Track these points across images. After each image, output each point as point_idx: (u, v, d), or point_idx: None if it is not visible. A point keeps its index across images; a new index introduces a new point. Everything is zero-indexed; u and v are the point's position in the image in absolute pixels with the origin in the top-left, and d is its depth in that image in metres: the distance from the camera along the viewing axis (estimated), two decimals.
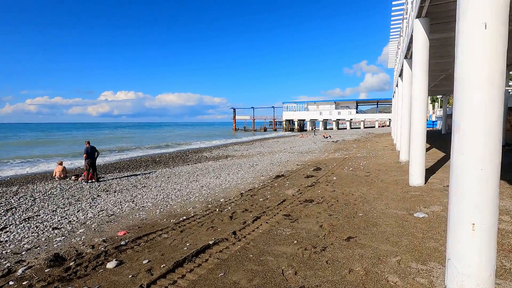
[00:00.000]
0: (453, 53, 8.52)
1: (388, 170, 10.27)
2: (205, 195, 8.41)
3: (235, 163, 15.41)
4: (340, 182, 8.73)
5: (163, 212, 6.88)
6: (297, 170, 11.72)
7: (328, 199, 6.74)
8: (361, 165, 12.08)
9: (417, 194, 6.53)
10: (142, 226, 5.89)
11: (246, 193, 8.14)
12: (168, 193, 8.89)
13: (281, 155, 18.82)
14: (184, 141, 36.92)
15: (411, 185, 7.44)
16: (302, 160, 15.45)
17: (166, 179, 11.45)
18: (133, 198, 8.48)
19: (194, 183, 10.46)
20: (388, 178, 8.72)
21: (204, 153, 23.42)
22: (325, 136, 35.71)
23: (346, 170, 10.88)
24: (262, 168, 13.13)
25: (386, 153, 16.01)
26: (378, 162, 12.44)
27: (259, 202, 7.00)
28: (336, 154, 17.22)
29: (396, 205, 5.80)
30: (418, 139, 7.32)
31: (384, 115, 63.11)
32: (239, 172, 12.36)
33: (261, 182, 9.81)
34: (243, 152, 22.77)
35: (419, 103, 7.31)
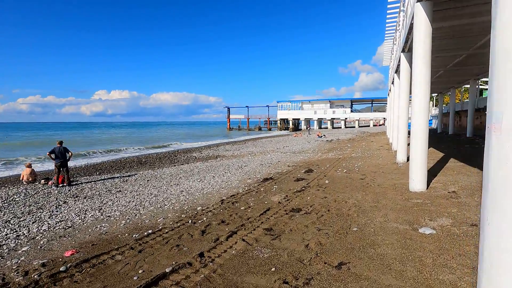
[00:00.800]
0: (454, 45, 7.52)
1: (385, 172, 9.42)
2: (183, 201, 7.48)
3: (223, 164, 14.48)
4: (332, 186, 7.86)
5: (129, 223, 5.93)
6: (287, 172, 10.82)
7: (318, 208, 5.85)
8: (355, 166, 11.23)
9: (420, 202, 5.66)
10: (97, 242, 4.94)
11: (228, 200, 7.22)
12: (142, 200, 7.94)
13: (273, 155, 17.93)
14: (176, 141, 35.85)
15: (412, 191, 6.58)
16: (294, 160, 14.57)
17: (145, 183, 10.47)
18: (102, 206, 7.50)
19: (174, 187, 9.51)
20: (385, 182, 7.86)
21: (194, 153, 22.44)
22: (319, 135, 34.92)
23: (339, 172, 10.02)
24: (250, 169, 12.22)
25: (382, 153, 15.21)
26: (374, 163, 11.60)
27: (240, 212, 6.08)
28: (330, 154, 16.37)
29: (396, 217, 4.92)
30: (420, 140, 6.46)
31: (379, 114, 62.60)
32: (225, 174, 11.43)
33: (246, 186, 8.90)
34: (234, 152, 21.84)
35: (420, 100, 6.45)
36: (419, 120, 6.45)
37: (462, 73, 16.33)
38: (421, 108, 6.41)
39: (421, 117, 6.43)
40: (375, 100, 64.82)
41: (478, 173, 7.74)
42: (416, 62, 6.45)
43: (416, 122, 6.49)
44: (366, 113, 64.77)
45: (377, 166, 10.90)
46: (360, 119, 62.26)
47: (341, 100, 64.88)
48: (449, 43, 9.85)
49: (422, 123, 6.43)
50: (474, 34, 8.65)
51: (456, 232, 4.07)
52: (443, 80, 20.13)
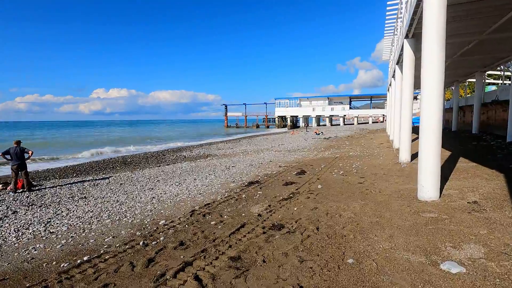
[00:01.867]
0: (465, 29, 6.17)
1: (386, 174, 8.17)
2: (147, 212, 6.22)
3: (210, 165, 13.22)
4: (325, 192, 6.60)
5: (68, 244, 4.68)
6: (277, 174, 9.57)
7: (305, 224, 4.59)
8: (353, 167, 9.97)
9: (434, 217, 4.40)
10: (10, 276, 3.70)
11: (200, 210, 5.97)
12: (103, 209, 6.69)
13: (266, 154, 16.68)
14: (170, 139, 34.54)
15: (421, 200, 5.33)
16: (287, 160, 13.31)
17: (117, 187, 9.22)
18: (52, 218, 6.25)
19: (147, 192, 8.27)
20: (388, 187, 6.60)
21: (184, 152, 21.17)
22: (317, 133, 33.66)
23: (335, 174, 8.76)
24: (237, 171, 10.97)
25: (382, 151, 13.95)
26: (374, 163, 10.34)
27: (208, 228, 4.84)
28: (326, 153, 15.11)
29: (406, 241, 3.67)
30: (432, 138, 5.19)
31: (378, 110, 61.28)
32: (208, 176, 10.18)
33: (227, 191, 7.64)
34: (226, 150, 20.58)
35: (432, 89, 5.14)
36: (431, 113, 5.17)
37: (468, 65, 15.04)
38: (434, 98, 5.13)
39: (433, 110, 5.15)
40: (374, 97, 63.48)
41: (498, 176, 6.48)
42: (427, 44, 5.15)
43: (427, 116, 5.21)
44: (365, 110, 63.44)
45: (377, 166, 9.64)
46: (359, 116, 60.93)
47: (340, 97, 63.52)
48: (460, 27, 8.56)
49: (435, 117, 5.16)
50: (492, 14, 7.37)
51: (495, 271, 2.82)
52: (446, 73, 18.81)
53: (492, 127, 15.97)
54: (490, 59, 13.81)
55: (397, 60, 13.71)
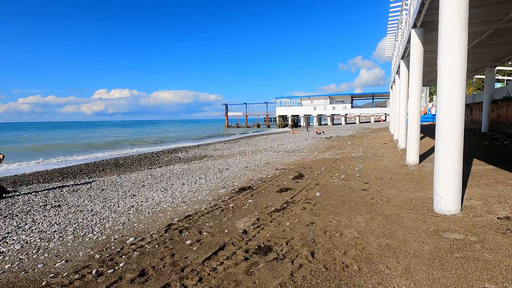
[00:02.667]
0: (482, 16, 5.11)
1: (393, 179, 7.26)
2: (118, 226, 5.36)
3: (203, 167, 12.36)
4: (324, 202, 5.70)
5: (9, 272, 3.82)
6: (273, 178, 8.68)
7: (297, 246, 3.70)
8: (356, 170, 9.06)
9: (460, 239, 3.49)
10: None
11: (178, 224, 5.10)
12: (71, 222, 5.82)
13: (264, 155, 15.79)
14: (167, 140, 33.72)
15: (439, 213, 4.42)
16: (285, 162, 12.41)
17: (97, 193, 8.38)
18: (10, 233, 5.38)
19: (127, 200, 7.41)
20: (397, 196, 5.69)
21: (180, 153, 20.33)
22: (318, 132, 32.71)
23: (335, 179, 7.85)
24: (230, 174, 10.09)
25: (386, 151, 13.01)
26: (379, 166, 9.42)
27: (181, 250, 3.96)
28: (327, 154, 14.19)
29: (429, 278, 2.75)
30: (452, 139, 4.27)
31: (380, 109, 60.21)
32: (199, 180, 9.31)
33: (215, 199, 6.77)
34: (223, 151, 19.72)
35: (452, 81, 4.22)
36: (451, 108, 4.25)
37: (478, 59, 14.07)
38: (454, 91, 4.21)
39: (454, 104, 4.23)
40: (376, 95, 62.40)
41: None
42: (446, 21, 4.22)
43: (447, 112, 4.29)
44: (367, 108, 62.35)
45: (383, 169, 8.73)
46: (361, 115, 59.87)
47: (341, 96, 62.49)
48: (474, 14, 7.61)
49: (456, 113, 4.24)
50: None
51: None
52: None
53: (504, 126, 14.97)
54: (503, 53, 12.83)
55: (402, 54, 12.76)
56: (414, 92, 8.90)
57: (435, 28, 8.79)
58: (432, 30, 8.76)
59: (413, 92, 8.94)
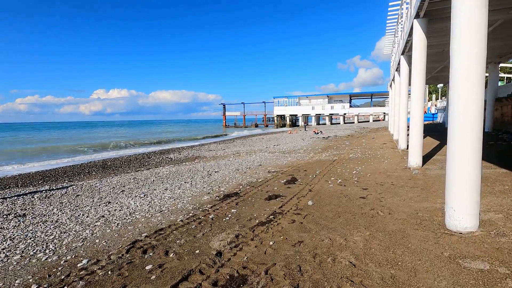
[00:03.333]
0: (491, 5, 4.26)
1: (395, 184, 6.50)
2: (77, 243, 4.58)
3: (192, 169, 11.58)
4: (317, 213, 4.93)
5: None
6: (263, 183, 7.91)
7: (278, 278, 2.92)
8: (354, 173, 8.30)
9: (485, 271, 2.72)
10: None
11: (145, 241, 4.32)
12: (26, 237, 5.04)
13: (258, 156, 15.03)
14: (162, 140, 32.87)
15: (453, 230, 3.66)
16: (279, 164, 11.65)
17: (71, 200, 7.59)
18: None
19: (100, 208, 6.63)
20: (400, 206, 4.93)
21: (172, 154, 19.54)
22: (315, 132, 31.97)
23: (331, 184, 7.09)
24: (219, 178, 9.32)
25: (386, 152, 12.25)
26: (379, 169, 8.66)
27: (135, 280, 3.19)
28: (324, 155, 13.43)
29: None
30: (469, 140, 3.51)
31: (379, 108, 59.54)
32: (183, 185, 8.54)
33: (195, 208, 6.00)
34: (217, 152, 18.94)
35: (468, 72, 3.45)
36: (466, 105, 3.49)
37: None
38: (471, 84, 3.44)
39: (471, 100, 3.47)
40: (375, 95, 61.70)
41: None
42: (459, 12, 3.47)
43: (461, 108, 3.53)
44: (365, 108, 61.64)
45: (383, 173, 7.97)
46: (360, 114, 59.16)
47: (340, 95, 61.77)
48: None
49: (473, 110, 3.47)
50: None
51: None
52: None
53: (508, 125, 14.24)
54: (509, 47, 12.08)
55: (403, 49, 12.01)
56: (417, 89, 8.14)
57: (441, 17, 8.02)
58: (437, 21, 8.00)
59: (415, 88, 8.18)
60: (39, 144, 34.74)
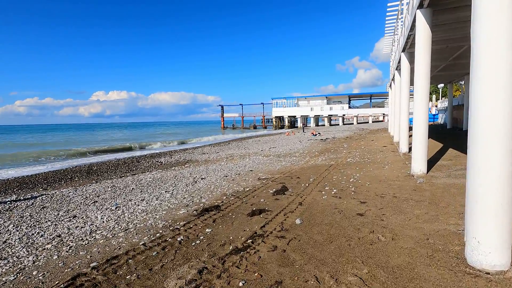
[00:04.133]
0: None
1: (398, 196, 5.62)
2: (8, 276, 3.71)
3: (178, 176, 10.72)
4: (305, 236, 4.06)
5: None
6: (249, 193, 7.03)
7: None
8: (351, 181, 7.43)
9: None
10: None
11: (86, 277, 3.45)
12: None
13: (252, 160, 14.17)
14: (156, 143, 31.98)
15: (476, 267, 2.79)
16: (272, 169, 10.78)
17: (34, 213, 6.72)
18: None
19: (62, 224, 5.76)
20: (405, 227, 4.05)
21: (163, 157, 18.67)
22: (314, 134, 31.12)
23: (325, 195, 6.21)
24: (204, 186, 8.46)
25: (387, 156, 11.38)
26: (378, 176, 7.79)
27: None
28: (320, 159, 12.56)
29: None
30: (499, 151, 2.64)
31: (378, 109, 58.70)
32: (163, 195, 7.68)
33: (166, 226, 5.12)
34: (210, 155, 18.07)
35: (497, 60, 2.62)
36: (496, 103, 2.63)
37: None
38: (503, 73, 2.59)
39: (501, 96, 2.61)
40: (374, 95, 60.86)
41: None
42: None
43: (488, 108, 2.67)
44: (364, 109, 60.78)
45: (383, 181, 7.09)
46: (359, 115, 58.31)
47: (339, 96, 60.93)
48: None
49: (505, 109, 2.61)
50: None
51: None
52: (458, 62, 16.27)
53: None
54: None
55: (404, 46, 11.16)
56: (421, 87, 7.28)
57: (447, 8, 7.16)
58: (442, 11, 7.15)
59: (419, 86, 7.32)
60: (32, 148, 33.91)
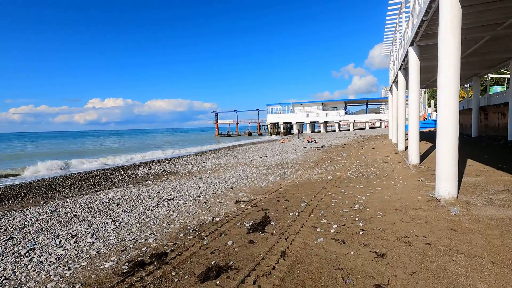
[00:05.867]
0: None
1: (435, 245, 3.63)
2: None
3: (142, 195, 8.69)
4: None
5: None
6: (215, 230, 5.00)
7: None
8: (356, 208, 5.45)
9: None
10: None
11: None
12: None
13: (237, 172, 12.18)
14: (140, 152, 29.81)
15: None
16: (256, 186, 8.80)
17: None
18: None
19: None
20: None
21: (141, 169, 16.58)
22: (309, 141, 29.22)
23: (321, 238, 4.20)
24: (165, 212, 6.44)
25: (394, 170, 9.43)
26: (392, 200, 5.80)
27: None
28: (315, 172, 10.59)
29: None
30: None
31: (375, 115, 57.17)
32: (107, 226, 5.65)
33: None
34: (194, 166, 16.04)
35: None
36: None
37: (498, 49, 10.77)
38: None
39: None
40: (370, 101, 59.42)
41: None
42: None
43: None
44: (361, 115, 59.21)
45: (401, 210, 5.11)
46: (355, 121, 56.69)
47: (335, 102, 59.38)
48: None
49: None
50: None
51: None
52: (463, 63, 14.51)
53: None
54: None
55: (412, 39, 9.34)
56: (449, 84, 5.37)
57: None
58: None
59: (447, 83, 5.40)
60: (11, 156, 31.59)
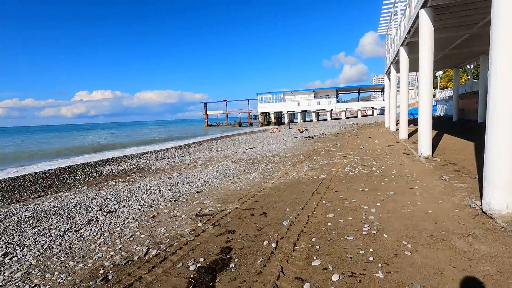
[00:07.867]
0: None
1: None
2: None
3: (78, 204, 6.65)
4: None
5: None
6: (136, 280, 3.02)
7: None
8: (366, 232, 3.53)
9: None
10: None
11: None
12: None
13: (216, 168, 10.21)
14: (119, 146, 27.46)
15: None
16: (230, 189, 6.82)
17: None
18: None
19: None
20: None
21: (109, 165, 14.41)
22: (300, 130, 27.31)
23: None
24: (89, 236, 4.42)
25: (402, 163, 7.55)
26: (418, 217, 3.89)
27: None
28: (305, 168, 8.66)
29: None
30: None
31: (367, 103, 55.53)
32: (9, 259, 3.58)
33: None
34: (170, 161, 13.97)
35: None
36: None
37: None
38: None
39: None
40: (362, 89, 57.67)
41: None
42: None
43: None
44: (353, 103, 57.48)
45: (440, 238, 3.19)
46: (347, 109, 54.97)
47: (326, 90, 57.39)
48: None
49: None
50: None
51: None
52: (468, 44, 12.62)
53: None
54: None
55: (424, 2, 7.32)
56: (504, 59, 3.40)
57: None
58: None
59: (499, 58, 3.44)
60: None
